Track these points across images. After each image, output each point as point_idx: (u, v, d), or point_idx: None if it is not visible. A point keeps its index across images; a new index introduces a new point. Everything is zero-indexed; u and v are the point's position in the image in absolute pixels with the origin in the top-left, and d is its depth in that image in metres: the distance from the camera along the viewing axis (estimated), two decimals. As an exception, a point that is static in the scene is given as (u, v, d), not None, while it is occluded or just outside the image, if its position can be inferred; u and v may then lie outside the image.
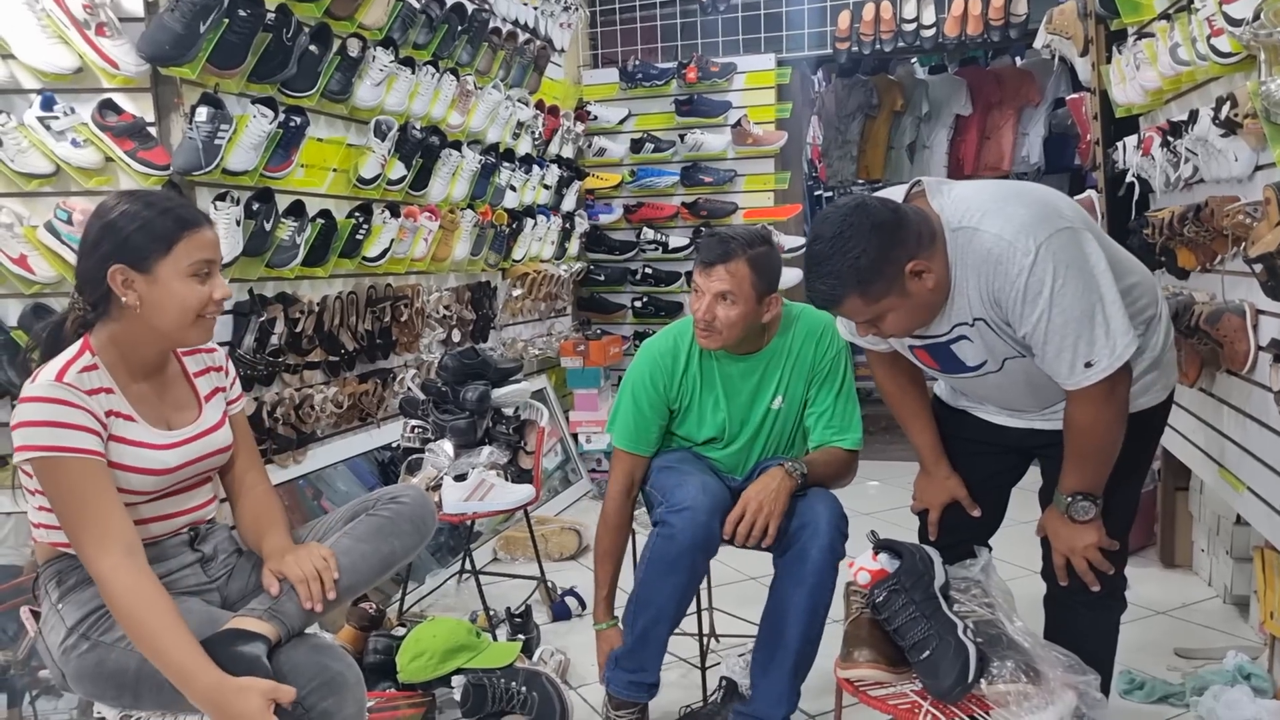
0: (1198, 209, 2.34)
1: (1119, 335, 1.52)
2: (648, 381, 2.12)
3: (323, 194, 2.81)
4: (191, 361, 1.59)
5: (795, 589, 1.90)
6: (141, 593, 1.34)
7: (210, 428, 1.55)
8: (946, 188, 1.62)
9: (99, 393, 1.42)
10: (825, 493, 2.01)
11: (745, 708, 2.00)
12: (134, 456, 1.43)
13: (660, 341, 2.17)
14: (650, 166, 4.72)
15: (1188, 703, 2.22)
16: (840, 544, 1.91)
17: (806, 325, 2.12)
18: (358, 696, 1.39)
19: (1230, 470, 2.36)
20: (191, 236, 1.43)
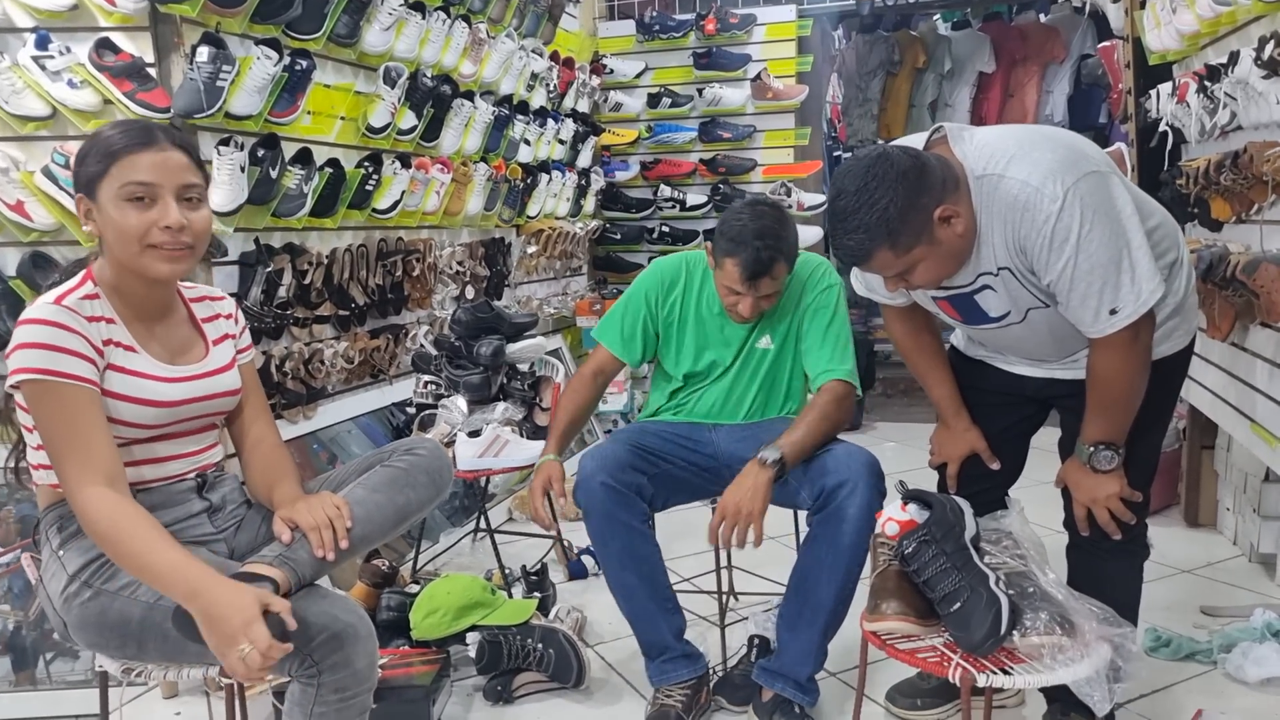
0: (1235, 156, 2.26)
1: (1145, 280, 1.48)
2: (642, 295, 2.16)
3: (330, 142, 2.74)
4: (199, 307, 1.56)
5: (830, 548, 1.85)
6: (122, 513, 1.31)
7: (217, 368, 1.51)
8: (968, 134, 1.57)
9: (99, 320, 1.38)
10: (857, 446, 1.96)
11: (770, 664, 1.97)
12: (134, 387, 1.39)
13: (668, 264, 2.19)
14: (667, 122, 4.63)
15: (1215, 659, 2.18)
16: (877, 500, 1.86)
17: (798, 268, 2.08)
18: (369, 649, 1.35)
19: (1263, 426, 2.29)
20: (126, 158, 1.35)
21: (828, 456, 1.93)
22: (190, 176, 1.40)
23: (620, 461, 1.97)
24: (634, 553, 1.95)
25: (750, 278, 1.92)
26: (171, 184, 1.37)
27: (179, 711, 2.13)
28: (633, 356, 2.16)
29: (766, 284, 1.94)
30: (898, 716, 2.03)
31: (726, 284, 1.96)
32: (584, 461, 2.00)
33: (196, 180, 1.41)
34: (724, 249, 1.94)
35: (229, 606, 1.23)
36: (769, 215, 1.94)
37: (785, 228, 1.95)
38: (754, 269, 1.91)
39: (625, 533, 1.94)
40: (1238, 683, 2.10)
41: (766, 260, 1.91)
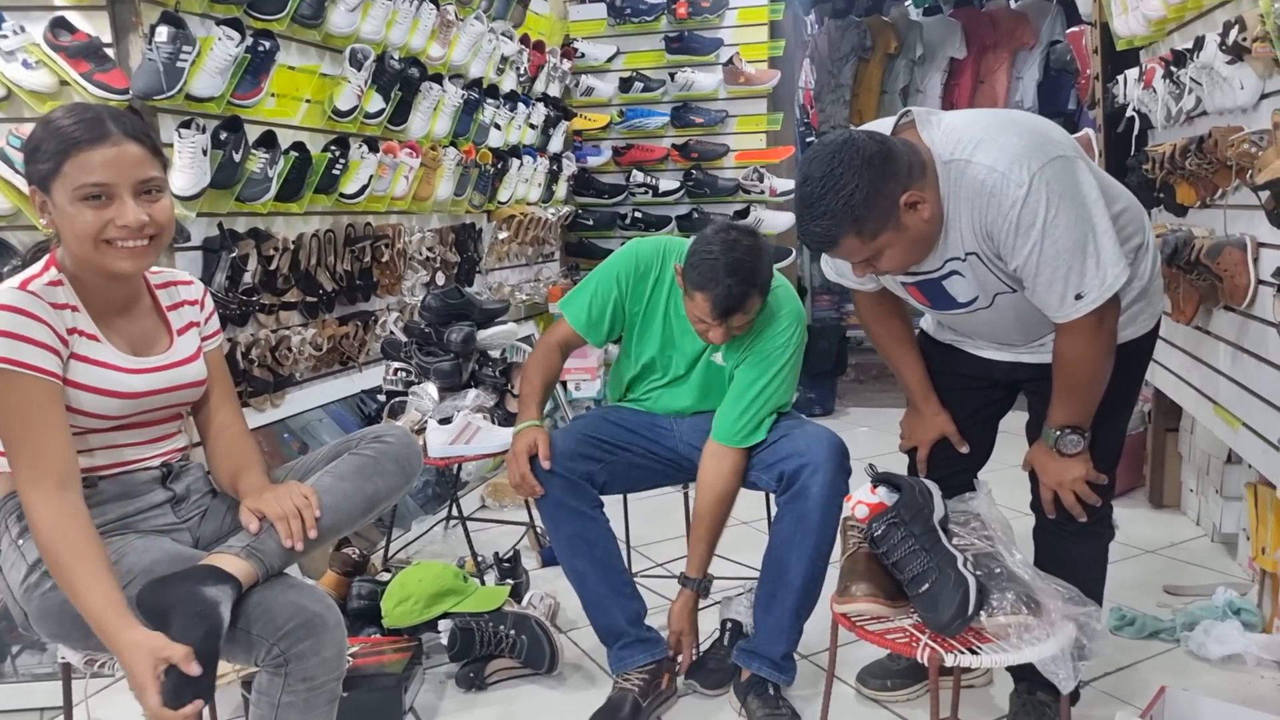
0: (1200, 141, 2.28)
1: (1109, 266, 1.49)
2: (614, 278, 2.08)
3: (296, 126, 2.69)
4: (165, 294, 1.52)
5: (797, 527, 1.87)
6: (62, 528, 1.28)
7: (182, 359, 1.48)
8: (936, 119, 1.57)
9: (64, 308, 1.35)
10: (823, 428, 1.97)
11: (746, 644, 1.98)
12: (96, 377, 1.36)
13: (646, 249, 2.08)
14: (639, 107, 4.60)
15: (1178, 637, 2.23)
16: (843, 480, 1.87)
17: (773, 305, 2.01)
18: (337, 639, 1.33)
19: (1225, 408, 2.33)
20: (78, 155, 1.30)
21: (787, 440, 1.94)
22: (147, 170, 1.35)
23: (569, 451, 1.98)
24: (585, 538, 1.96)
25: (722, 315, 1.85)
26: (128, 181, 1.32)
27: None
28: (598, 338, 2.10)
29: (738, 318, 1.88)
30: (868, 697, 2.05)
31: (697, 314, 1.88)
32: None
33: (154, 173, 1.36)
34: (695, 281, 1.85)
35: (129, 662, 1.23)
36: (742, 247, 1.84)
37: (759, 260, 1.86)
38: (726, 305, 1.83)
39: (575, 519, 1.95)
40: (1200, 660, 2.14)
41: (739, 296, 1.83)
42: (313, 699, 1.30)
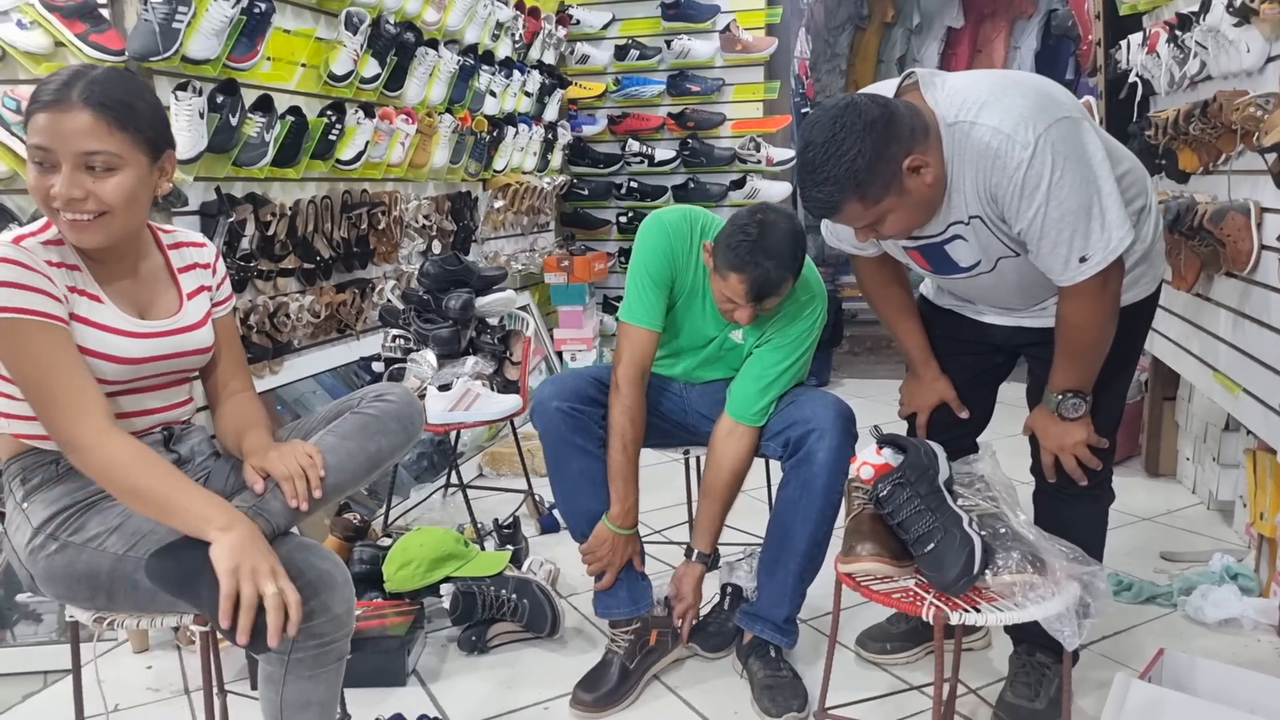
0: (1204, 105, 2.27)
1: (1114, 228, 1.48)
2: (664, 253, 1.92)
3: (292, 90, 2.66)
4: (177, 256, 1.49)
5: (802, 492, 1.87)
6: (134, 448, 1.28)
7: (189, 325, 1.45)
8: (940, 80, 1.55)
9: (62, 267, 1.32)
10: (829, 394, 1.97)
11: (750, 607, 1.99)
12: (97, 340, 1.33)
13: (674, 217, 1.95)
14: (635, 75, 4.55)
15: (1175, 602, 2.25)
16: (849, 446, 1.86)
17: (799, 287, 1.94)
18: (346, 595, 1.33)
19: (1225, 374, 2.34)
20: (34, 116, 1.25)
21: (794, 407, 1.93)
22: (91, 143, 1.25)
23: (578, 391, 1.94)
24: (591, 477, 1.93)
25: (757, 298, 1.80)
26: (68, 150, 1.25)
27: (150, 665, 2.11)
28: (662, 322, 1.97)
29: (771, 301, 1.84)
30: (868, 660, 2.06)
31: (728, 294, 1.82)
32: (541, 388, 1.98)
33: (102, 147, 1.26)
34: (730, 262, 1.78)
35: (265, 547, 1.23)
36: (780, 229, 1.78)
37: (796, 244, 1.80)
38: (761, 289, 1.78)
39: (582, 456, 1.92)
40: (1197, 624, 2.16)
41: (776, 281, 1.78)
42: (323, 655, 1.30)
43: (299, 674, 1.29)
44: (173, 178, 1.41)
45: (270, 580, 1.21)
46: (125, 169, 1.29)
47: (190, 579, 1.23)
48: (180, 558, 1.24)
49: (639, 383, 1.93)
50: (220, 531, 1.23)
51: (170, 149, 1.37)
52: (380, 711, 1.69)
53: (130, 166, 1.29)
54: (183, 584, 1.25)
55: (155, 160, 1.34)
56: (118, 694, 1.98)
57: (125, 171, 1.29)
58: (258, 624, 1.19)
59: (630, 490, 1.94)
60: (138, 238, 1.41)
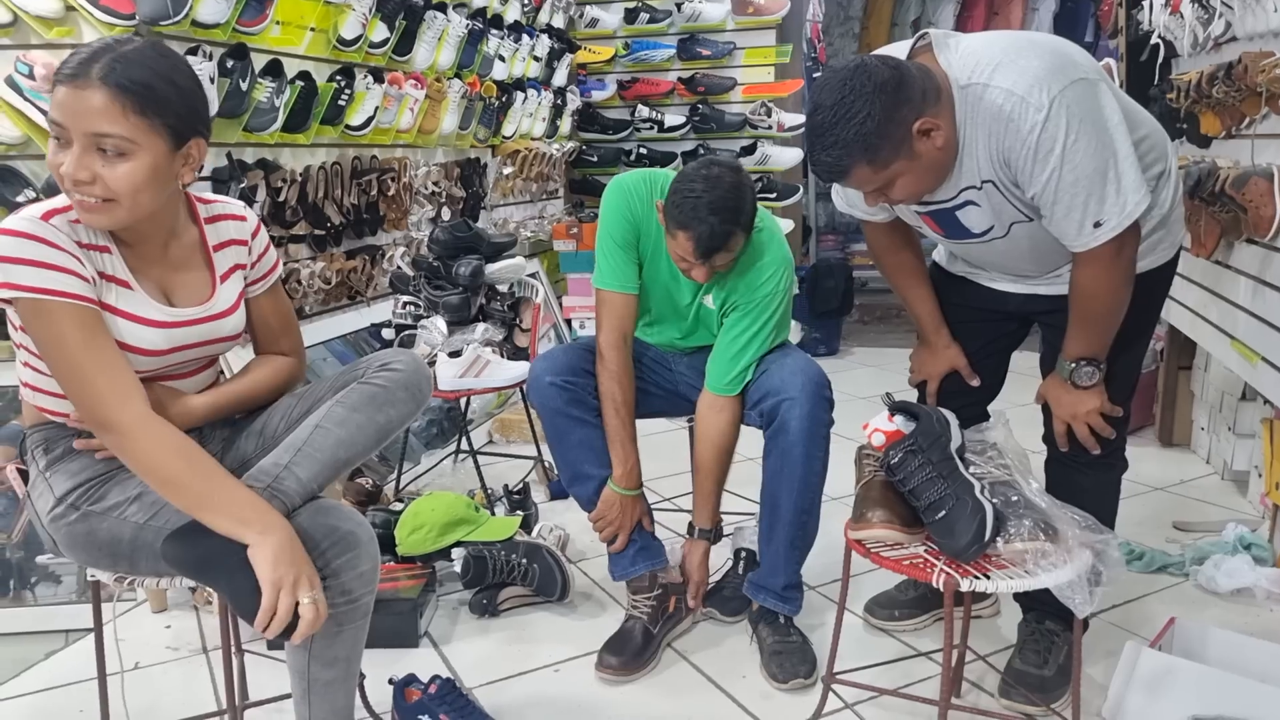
0: (1229, 67, 2.23)
1: (1130, 192, 1.45)
2: (623, 215, 1.93)
3: (301, 55, 2.64)
4: (213, 231, 1.43)
5: (781, 462, 1.87)
6: (177, 440, 1.26)
7: (220, 313, 1.41)
8: (954, 41, 1.51)
9: (92, 249, 1.27)
10: (802, 357, 1.95)
11: (754, 577, 2.00)
12: (126, 332, 1.29)
13: (633, 180, 1.96)
14: (645, 39, 4.50)
15: (1187, 572, 2.24)
16: (824, 410, 1.85)
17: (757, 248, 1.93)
18: (371, 553, 1.33)
19: (1244, 342, 2.31)
20: (55, 89, 1.20)
21: (766, 376, 1.92)
22: (103, 125, 1.18)
23: (570, 364, 1.95)
24: (591, 445, 1.94)
25: (705, 254, 1.79)
26: (79, 129, 1.19)
27: (169, 625, 2.14)
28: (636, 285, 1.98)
29: (721, 257, 1.82)
30: (876, 626, 2.07)
31: (679, 253, 1.82)
32: (535, 364, 1.98)
33: (114, 130, 1.19)
34: (676, 219, 1.78)
35: (303, 554, 1.23)
36: (725, 184, 1.76)
37: (742, 197, 1.79)
38: (708, 244, 1.77)
39: (580, 427, 1.93)
40: (1209, 593, 2.16)
41: (722, 235, 1.77)
42: (351, 612, 1.31)
43: (327, 630, 1.30)
44: (200, 166, 1.32)
45: (307, 589, 1.22)
46: (138, 155, 1.21)
47: (207, 566, 1.23)
48: (195, 543, 1.24)
49: (622, 347, 1.94)
50: (259, 536, 1.22)
51: (200, 137, 1.29)
52: (394, 672, 1.71)
53: (144, 153, 1.22)
54: (200, 569, 1.24)
55: (178, 148, 1.26)
56: (137, 652, 2.01)
57: (138, 158, 1.21)
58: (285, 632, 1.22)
59: (630, 452, 1.95)
60: (167, 216, 1.35)
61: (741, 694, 1.84)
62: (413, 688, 1.66)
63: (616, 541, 1.99)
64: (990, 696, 1.80)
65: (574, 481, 2.00)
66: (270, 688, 1.68)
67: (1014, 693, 1.75)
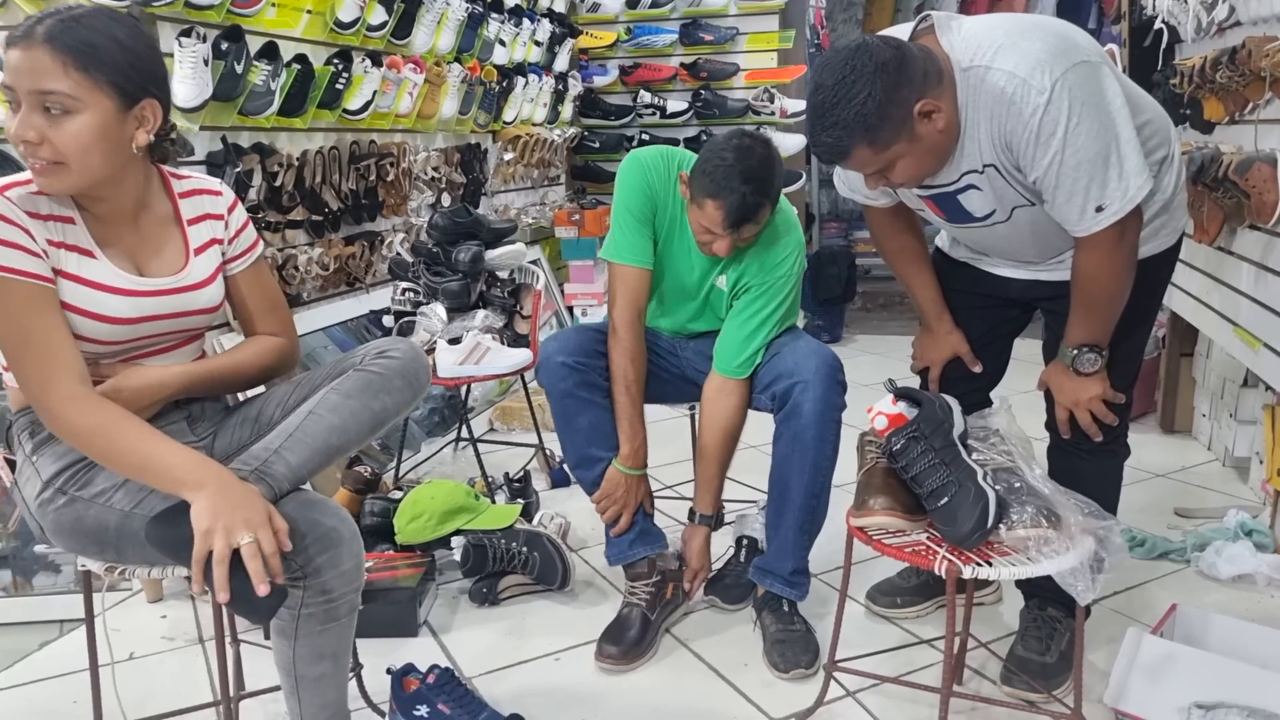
0: (1233, 52, 2.21)
1: (1132, 176, 1.44)
2: (642, 188, 1.91)
3: (297, 37, 2.61)
4: (188, 205, 1.42)
5: (793, 445, 1.86)
6: (105, 410, 1.24)
7: (194, 283, 1.39)
8: (956, 24, 1.50)
9: (50, 219, 1.27)
10: (813, 342, 1.94)
11: (760, 562, 2.00)
12: (87, 299, 1.28)
13: (650, 155, 1.95)
14: (647, 23, 4.46)
15: (1188, 558, 2.24)
16: (837, 394, 1.85)
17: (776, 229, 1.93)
18: (354, 550, 1.32)
19: (1246, 329, 2.30)
20: (6, 53, 1.20)
21: (778, 360, 1.91)
22: (46, 82, 1.18)
23: (582, 345, 1.93)
24: (599, 428, 1.93)
25: (734, 225, 1.78)
26: (25, 88, 1.19)
27: (164, 615, 2.13)
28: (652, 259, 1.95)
29: (749, 228, 1.81)
30: (878, 614, 2.07)
31: (705, 224, 1.80)
32: (545, 344, 1.97)
33: (55, 87, 1.18)
34: (705, 189, 1.77)
35: (240, 497, 1.20)
36: (756, 154, 1.76)
37: (772, 170, 1.79)
38: (738, 215, 1.76)
39: (589, 409, 1.92)
40: (1210, 579, 2.15)
41: (753, 206, 1.76)
42: (332, 609, 1.30)
43: (310, 629, 1.29)
44: (157, 129, 1.30)
45: (244, 530, 1.17)
46: (83, 113, 1.21)
47: (184, 545, 1.20)
48: (177, 523, 1.22)
49: (636, 324, 1.93)
50: (193, 491, 1.20)
51: (153, 98, 1.28)
52: (392, 661, 1.70)
53: (90, 111, 1.21)
54: (178, 550, 1.22)
55: (129, 108, 1.25)
56: (133, 642, 2.00)
57: (83, 116, 1.20)
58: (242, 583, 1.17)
59: (637, 430, 1.94)
60: (134, 186, 1.34)
61: (743, 682, 1.84)
62: (411, 677, 1.65)
63: (620, 522, 1.98)
64: (992, 683, 1.79)
65: (580, 464, 1.99)
66: (267, 678, 1.66)
67: (1016, 679, 1.75)
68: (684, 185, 1.85)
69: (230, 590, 1.17)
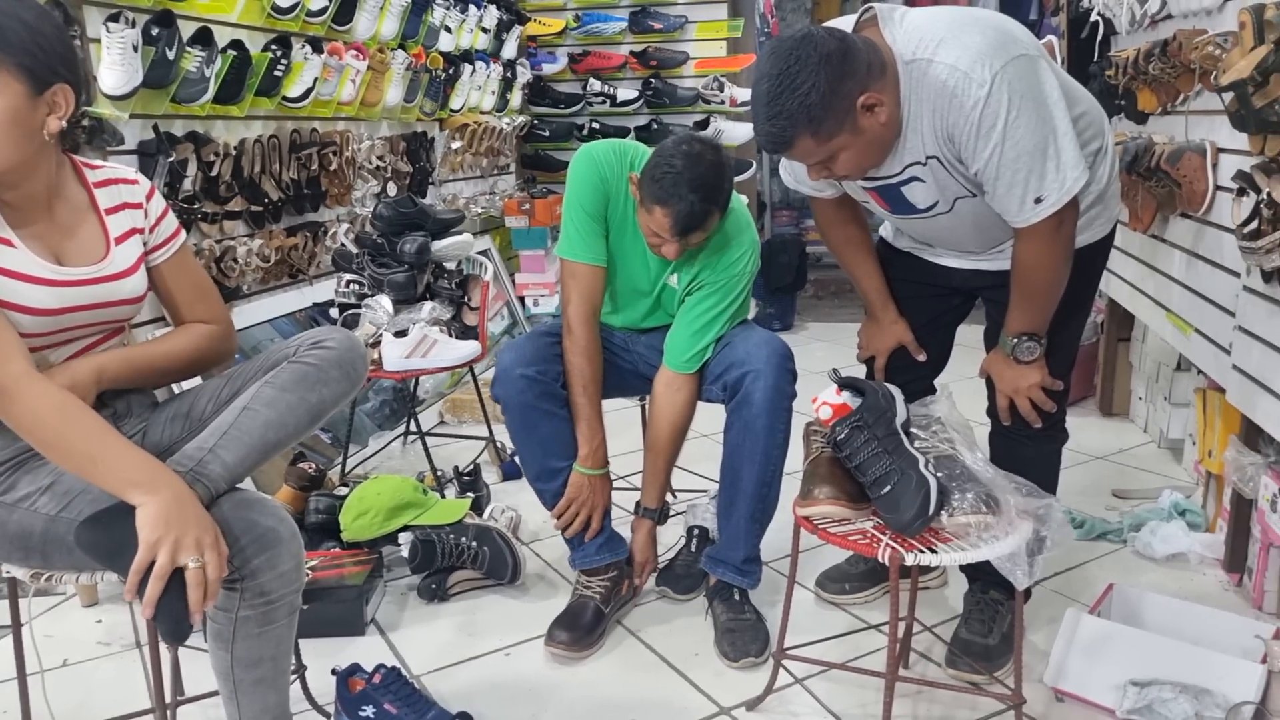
0: (1164, 44, 2.25)
1: (1069, 168, 1.48)
2: (595, 182, 1.90)
3: (233, 23, 2.54)
4: (105, 195, 1.38)
5: (744, 434, 1.87)
6: (62, 397, 1.20)
7: (117, 273, 1.36)
8: (899, 15, 1.51)
9: None
10: (764, 332, 1.95)
11: (712, 551, 2.01)
12: (7, 290, 1.24)
13: (602, 150, 1.93)
14: (596, 11, 4.43)
15: (1125, 538, 2.30)
16: (787, 383, 1.86)
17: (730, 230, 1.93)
18: (294, 550, 1.28)
19: (1178, 314, 2.36)
20: None
21: (729, 350, 1.92)
22: None
23: (539, 353, 1.93)
24: (559, 438, 1.93)
25: (682, 232, 1.78)
26: None
27: (100, 619, 2.08)
28: (604, 256, 1.95)
29: (697, 235, 1.81)
30: (827, 600, 2.09)
31: (654, 229, 1.80)
32: (502, 355, 1.95)
33: None
34: (654, 195, 1.76)
35: (196, 514, 1.17)
36: (706, 162, 1.76)
37: (721, 177, 1.78)
38: (686, 223, 1.76)
39: (548, 420, 1.91)
40: (1146, 559, 2.22)
41: (700, 214, 1.76)
42: (271, 612, 1.27)
43: (248, 631, 1.26)
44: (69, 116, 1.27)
45: (192, 551, 1.15)
46: None
47: (120, 550, 1.17)
48: (111, 527, 1.18)
49: (591, 321, 1.93)
50: (145, 495, 1.16)
51: (64, 83, 1.24)
52: (338, 662, 1.67)
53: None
54: (112, 555, 1.18)
55: (39, 93, 1.22)
56: (67, 649, 1.95)
57: None
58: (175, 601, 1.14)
59: (596, 430, 1.94)
60: (45, 174, 1.29)
61: (694, 672, 1.85)
62: (357, 677, 1.63)
63: (591, 525, 1.97)
64: (938, 666, 1.83)
65: (541, 476, 1.98)
66: (206, 682, 1.62)
67: (960, 662, 1.78)
68: (634, 187, 1.84)
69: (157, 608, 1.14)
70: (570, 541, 2.02)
